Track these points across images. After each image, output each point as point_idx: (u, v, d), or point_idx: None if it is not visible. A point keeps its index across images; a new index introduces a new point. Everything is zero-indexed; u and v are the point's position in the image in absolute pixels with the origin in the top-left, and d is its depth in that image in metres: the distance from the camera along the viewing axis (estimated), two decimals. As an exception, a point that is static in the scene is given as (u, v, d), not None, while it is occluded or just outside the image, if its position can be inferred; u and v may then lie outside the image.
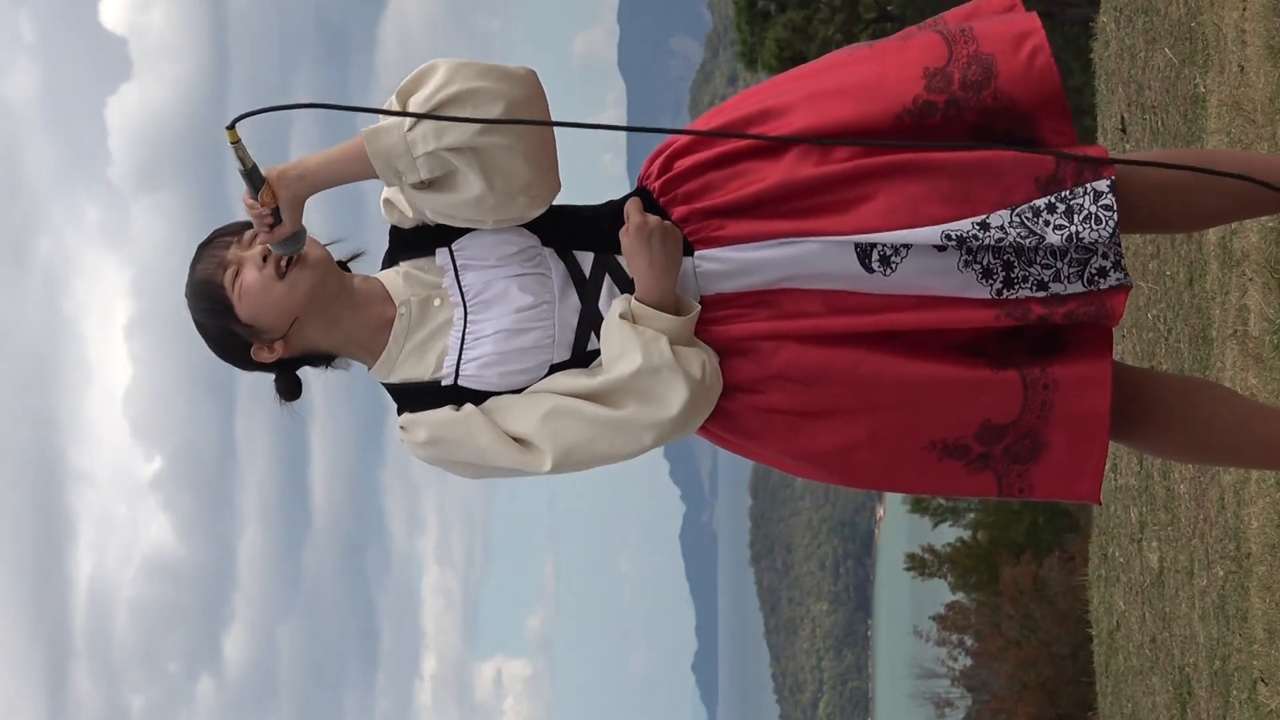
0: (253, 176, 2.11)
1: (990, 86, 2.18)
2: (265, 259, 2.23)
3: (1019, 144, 2.18)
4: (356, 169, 2.17)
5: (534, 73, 2.17)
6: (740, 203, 2.21)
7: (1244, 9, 4.10)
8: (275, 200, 2.14)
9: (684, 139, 2.31)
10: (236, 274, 2.24)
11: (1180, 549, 4.82)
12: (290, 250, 2.20)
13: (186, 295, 2.31)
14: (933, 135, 2.19)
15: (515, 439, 2.24)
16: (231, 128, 2.04)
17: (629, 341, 2.19)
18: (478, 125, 2.09)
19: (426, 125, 2.09)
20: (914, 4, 18.83)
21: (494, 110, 2.09)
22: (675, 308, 2.21)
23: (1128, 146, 5.73)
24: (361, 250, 2.39)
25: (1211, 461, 2.77)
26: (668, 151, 2.31)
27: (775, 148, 2.23)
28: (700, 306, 2.23)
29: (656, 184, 2.29)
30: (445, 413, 2.26)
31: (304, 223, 2.22)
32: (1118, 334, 5.86)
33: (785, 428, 2.27)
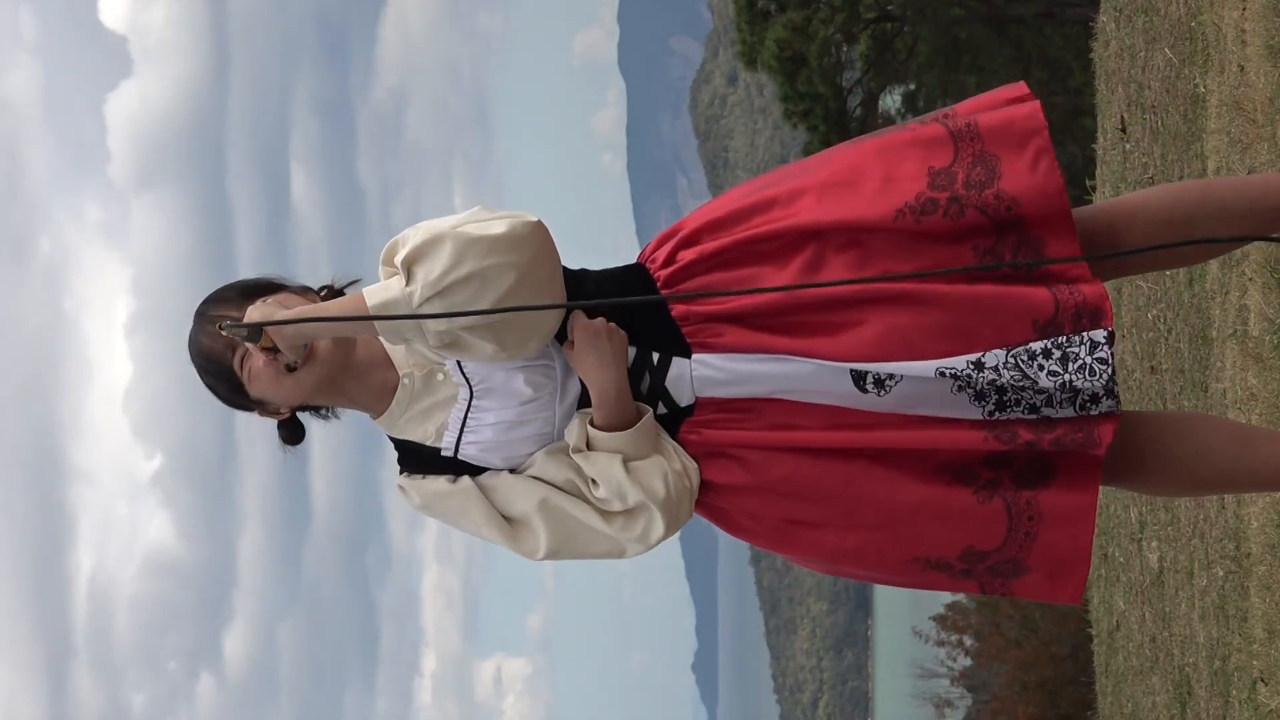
0: (251, 336, 2.14)
1: (993, 186, 2.18)
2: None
3: (1023, 271, 2.18)
4: (358, 328, 2.17)
5: (540, 224, 2.16)
6: (740, 312, 2.22)
7: (1244, 9, 4.10)
8: (273, 341, 2.16)
9: (691, 226, 2.31)
10: (245, 355, 2.24)
11: (1180, 549, 4.82)
12: (298, 359, 2.23)
13: (193, 360, 2.31)
14: (933, 235, 2.19)
15: (511, 518, 2.31)
16: (223, 329, 2.12)
17: (588, 471, 2.24)
18: (485, 305, 2.09)
19: (438, 304, 2.09)
20: (914, 4, 18.82)
21: (506, 282, 2.09)
22: (630, 410, 2.24)
23: (1127, 146, 5.73)
24: (357, 278, 2.36)
25: (1210, 492, 2.79)
26: (673, 240, 2.32)
27: (781, 251, 2.24)
28: (651, 410, 2.25)
29: (661, 274, 2.30)
30: (440, 484, 2.32)
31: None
32: (1118, 335, 5.87)
33: (774, 531, 2.32)
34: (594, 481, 2.26)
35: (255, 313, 2.16)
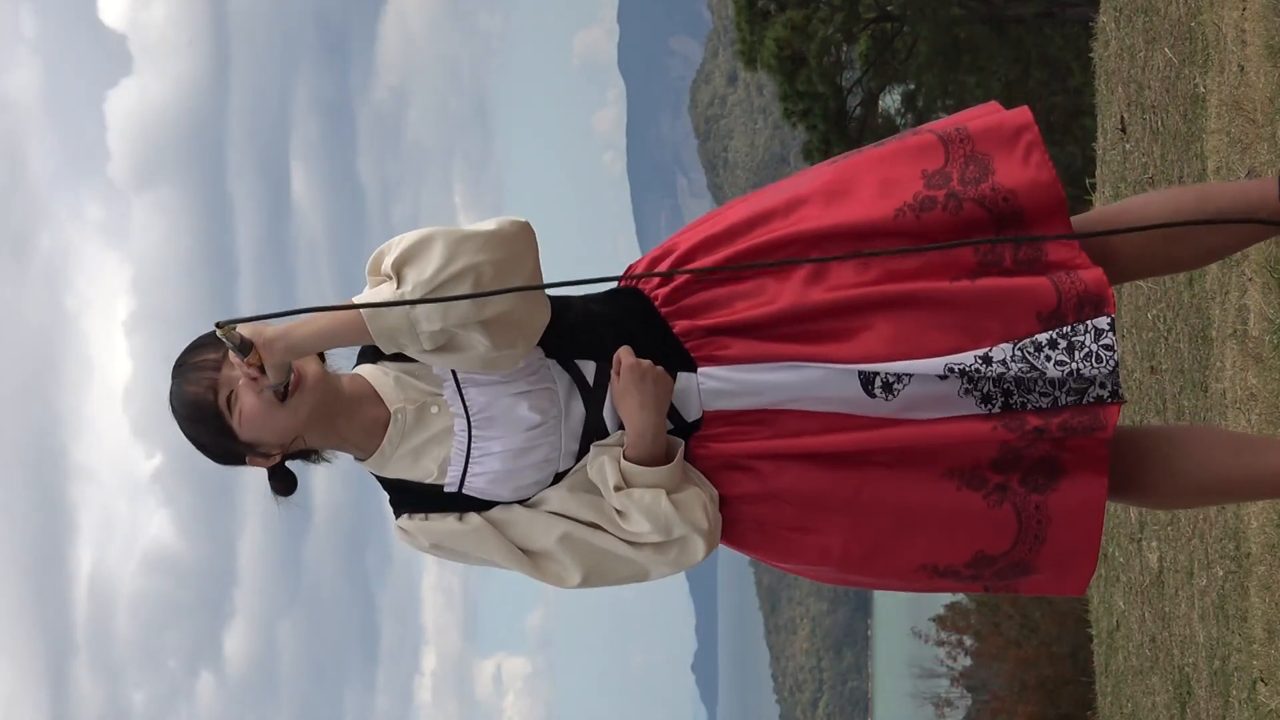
0: (242, 347, 2.10)
1: (988, 180, 2.21)
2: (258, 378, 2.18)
3: (1024, 266, 2.19)
4: (350, 337, 2.14)
5: (527, 225, 2.16)
6: (746, 323, 2.22)
7: (1244, 9, 4.09)
8: (260, 359, 2.12)
9: (686, 244, 2.30)
10: (231, 395, 2.20)
11: (1180, 549, 4.82)
12: (281, 384, 2.18)
13: (176, 413, 2.26)
14: (934, 231, 2.20)
15: (530, 551, 2.28)
16: (221, 326, 2.07)
17: (629, 508, 2.22)
18: (481, 300, 2.08)
19: (430, 304, 2.07)
20: (914, 4, 18.81)
21: (501, 276, 2.09)
22: (663, 447, 2.22)
23: (1127, 146, 5.73)
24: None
25: (1212, 501, 2.81)
26: (669, 259, 2.31)
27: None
28: (683, 443, 2.25)
29: (660, 293, 2.28)
30: (450, 524, 2.28)
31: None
32: (1118, 335, 5.86)
33: (780, 540, 2.31)
34: (620, 513, 2.23)
35: (245, 329, 2.11)
